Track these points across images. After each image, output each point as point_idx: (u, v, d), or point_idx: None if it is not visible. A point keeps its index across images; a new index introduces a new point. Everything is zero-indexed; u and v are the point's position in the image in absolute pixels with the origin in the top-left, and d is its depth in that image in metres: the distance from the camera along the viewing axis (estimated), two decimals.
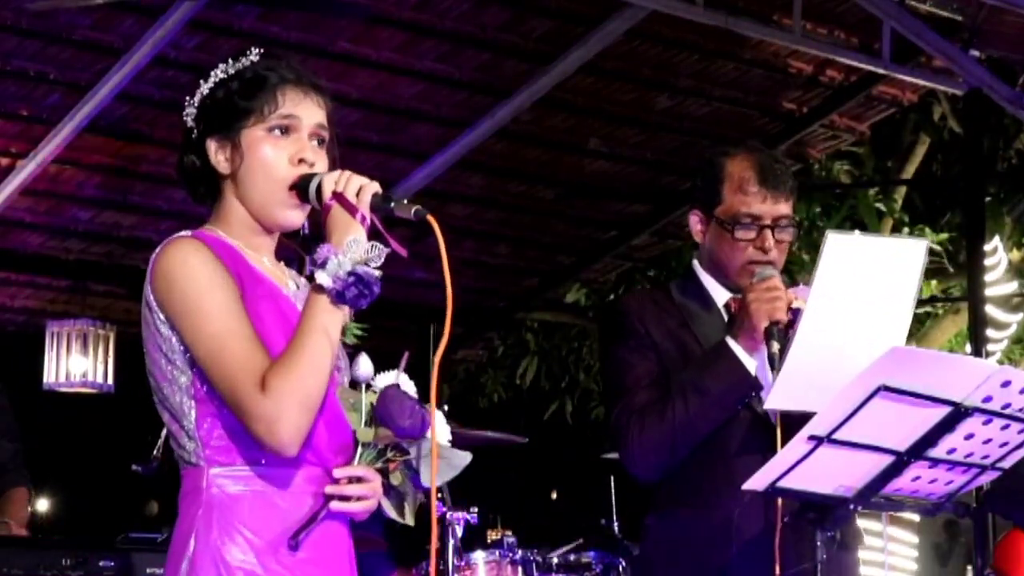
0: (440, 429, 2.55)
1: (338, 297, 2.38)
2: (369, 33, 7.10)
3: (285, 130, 2.53)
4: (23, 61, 6.89)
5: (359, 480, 2.49)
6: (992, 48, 7.40)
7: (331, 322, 2.41)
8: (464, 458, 2.59)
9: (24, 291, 9.19)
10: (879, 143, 10.30)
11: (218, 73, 2.57)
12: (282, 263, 2.64)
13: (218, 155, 2.55)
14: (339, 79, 7.25)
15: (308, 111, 2.55)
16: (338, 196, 2.44)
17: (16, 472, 5.28)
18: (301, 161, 2.51)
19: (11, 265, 8.68)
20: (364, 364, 2.51)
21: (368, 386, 2.51)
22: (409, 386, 2.54)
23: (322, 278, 2.38)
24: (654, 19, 7.05)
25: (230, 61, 2.58)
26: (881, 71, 7.50)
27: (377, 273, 2.40)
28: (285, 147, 2.52)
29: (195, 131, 2.58)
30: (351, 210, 2.42)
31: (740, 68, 7.87)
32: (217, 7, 6.60)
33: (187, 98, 2.60)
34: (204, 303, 2.41)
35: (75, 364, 8.80)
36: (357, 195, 2.43)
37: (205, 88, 2.57)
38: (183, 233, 2.52)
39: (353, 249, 2.39)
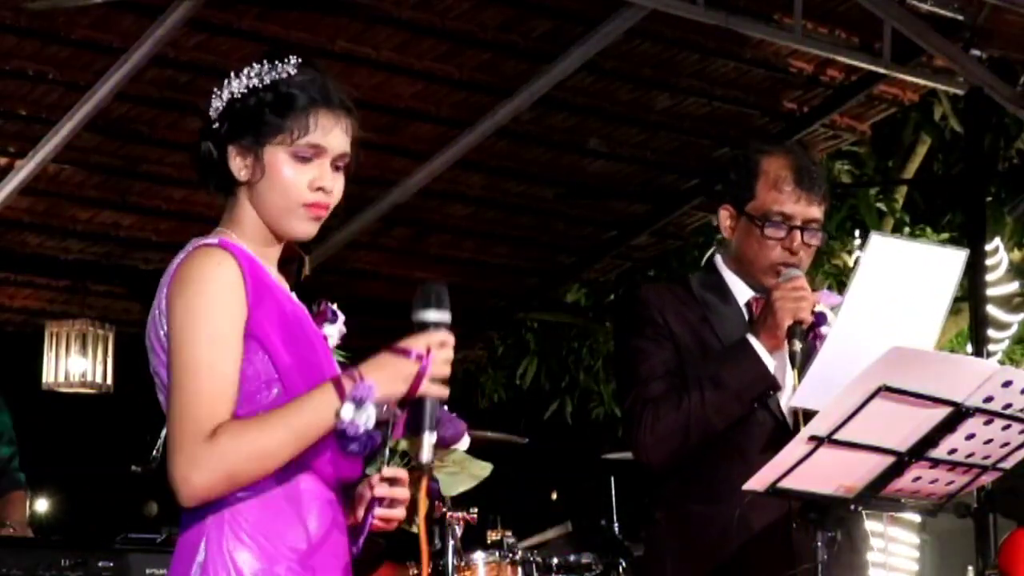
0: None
1: (340, 434, 2.37)
2: (369, 32, 7.09)
3: (310, 158, 2.51)
4: (22, 60, 6.87)
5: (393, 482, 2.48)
6: (993, 48, 7.39)
7: (315, 431, 2.37)
8: (485, 468, 2.60)
9: (23, 291, 9.17)
10: (880, 143, 10.29)
11: (252, 76, 2.52)
12: (282, 277, 2.62)
13: (237, 160, 2.51)
14: (339, 79, 7.21)
15: (336, 139, 2.53)
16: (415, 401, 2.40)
17: (11, 476, 5.30)
18: (319, 189, 2.50)
19: (10, 265, 8.66)
20: None
21: None
22: None
23: (347, 412, 2.35)
24: (654, 19, 7.03)
25: (266, 65, 2.53)
26: (882, 71, 7.49)
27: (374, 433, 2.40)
28: (306, 173, 2.50)
29: (218, 126, 2.53)
30: (412, 390, 2.39)
31: (740, 68, 7.86)
32: (217, 6, 6.59)
33: (215, 90, 2.54)
34: (200, 325, 2.38)
35: (74, 364, 8.79)
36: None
37: (236, 87, 2.52)
38: (211, 241, 2.48)
39: (379, 409, 2.37)
